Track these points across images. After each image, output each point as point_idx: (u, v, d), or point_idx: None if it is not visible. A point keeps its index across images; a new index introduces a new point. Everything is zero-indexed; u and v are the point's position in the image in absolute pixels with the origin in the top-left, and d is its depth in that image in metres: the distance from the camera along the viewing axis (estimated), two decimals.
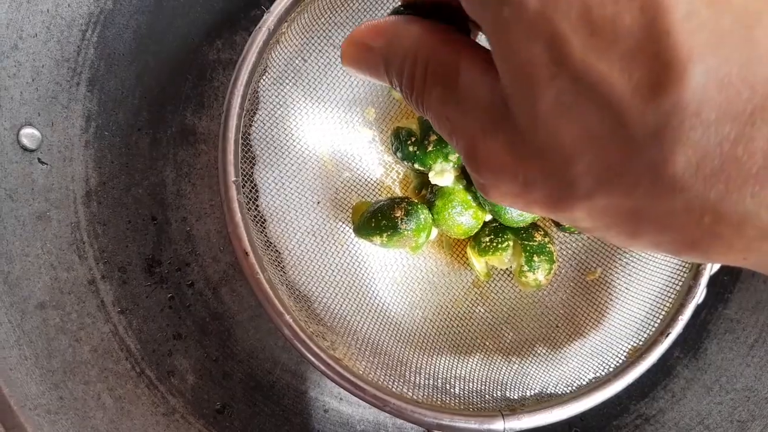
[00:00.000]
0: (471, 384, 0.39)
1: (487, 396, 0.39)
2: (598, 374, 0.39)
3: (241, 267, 0.33)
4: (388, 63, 0.18)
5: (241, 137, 0.37)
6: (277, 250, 0.39)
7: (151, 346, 0.43)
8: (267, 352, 0.47)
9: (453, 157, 0.41)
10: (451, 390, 0.38)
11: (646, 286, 0.42)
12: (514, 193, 0.16)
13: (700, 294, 0.39)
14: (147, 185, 0.46)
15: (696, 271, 0.39)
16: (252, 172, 0.39)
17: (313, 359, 0.33)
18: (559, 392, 0.39)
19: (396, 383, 0.37)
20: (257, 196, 0.39)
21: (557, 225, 0.44)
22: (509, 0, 0.13)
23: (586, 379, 0.39)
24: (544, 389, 0.39)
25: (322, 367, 0.33)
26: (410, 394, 0.36)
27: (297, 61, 0.41)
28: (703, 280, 0.39)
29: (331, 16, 0.41)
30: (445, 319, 0.43)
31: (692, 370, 0.47)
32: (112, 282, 0.42)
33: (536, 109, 0.14)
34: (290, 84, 0.41)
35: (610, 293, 0.43)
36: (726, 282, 0.47)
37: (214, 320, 0.46)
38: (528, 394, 0.39)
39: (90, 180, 0.42)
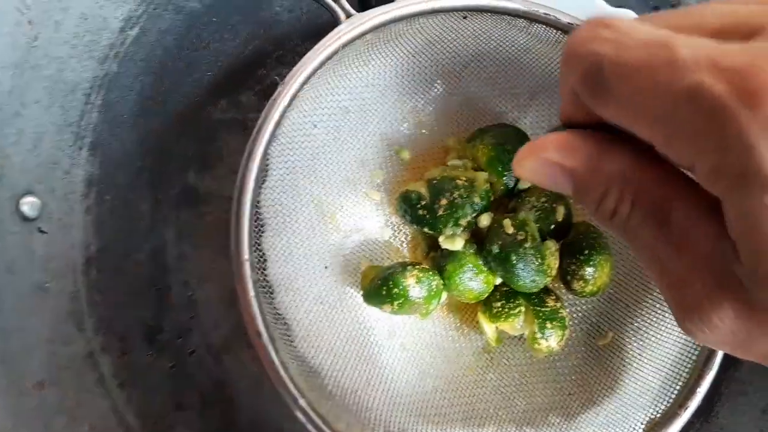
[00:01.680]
0: None
1: None
2: None
3: (254, 348, 0.32)
4: (584, 189, 0.16)
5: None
6: (285, 322, 0.38)
7: (151, 420, 0.41)
8: (271, 422, 0.45)
9: (463, 222, 0.40)
10: None
11: (660, 353, 0.41)
12: (731, 345, 0.15)
13: (717, 364, 0.39)
14: (148, 249, 0.44)
15: None
16: (260, 241, 0.38)
17: None
18: None
19: None
20: (265, 266, 0.38)
21: (568, 288, 0.43)
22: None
23: None
24: None
25: None
26: None
27: (307, 126, 0.40)
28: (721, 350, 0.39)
29: (341, 80, 0.40)
30: (457, 389, 0.42)
31: None
32: (112, 354, 0.41)
33: None
34: (299, 149, 0.40)
35: (622, 359, 0.42)
36: None
37: (216, 389, 0.45)
38: None
39: (90, 247, 0.41)
